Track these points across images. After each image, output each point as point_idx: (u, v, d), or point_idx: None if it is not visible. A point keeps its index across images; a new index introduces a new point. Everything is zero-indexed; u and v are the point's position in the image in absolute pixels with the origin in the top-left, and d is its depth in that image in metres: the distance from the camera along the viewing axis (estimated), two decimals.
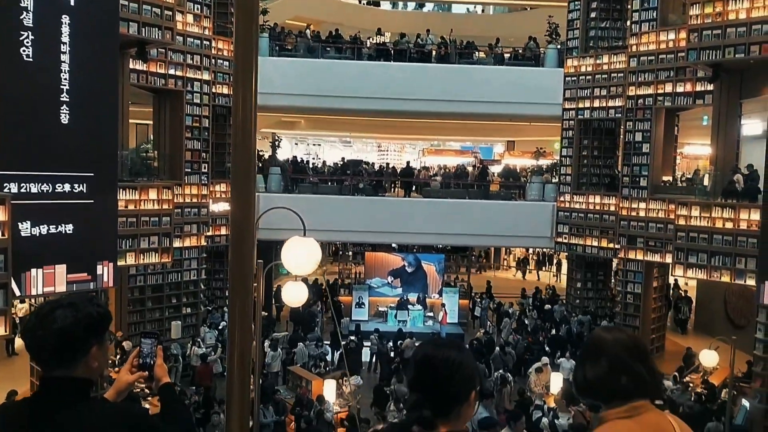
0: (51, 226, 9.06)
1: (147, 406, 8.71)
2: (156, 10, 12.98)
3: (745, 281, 12.71)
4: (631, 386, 1.78)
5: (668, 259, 14.70)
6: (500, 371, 13.40)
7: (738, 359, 10.97)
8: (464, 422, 1.68)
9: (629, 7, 16.44)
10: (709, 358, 11.36)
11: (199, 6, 15.28)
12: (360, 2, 29.95)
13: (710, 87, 14.35)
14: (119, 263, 11.89)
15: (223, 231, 16.63)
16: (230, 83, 16.17)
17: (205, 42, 15.50)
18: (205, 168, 15.86)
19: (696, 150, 22.30)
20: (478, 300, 19.57)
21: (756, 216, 12.26)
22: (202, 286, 16.24)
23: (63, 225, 9.23)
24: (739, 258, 12.72)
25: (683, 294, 19.40)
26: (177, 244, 14.78)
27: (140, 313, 14.83)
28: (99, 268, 10.03)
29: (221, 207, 16.18)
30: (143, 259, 13.63)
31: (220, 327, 15.02)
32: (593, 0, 17.60)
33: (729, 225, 12.94)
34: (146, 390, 8.96)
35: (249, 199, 1.53)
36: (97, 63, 10.01)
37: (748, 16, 12.54)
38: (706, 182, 14.97)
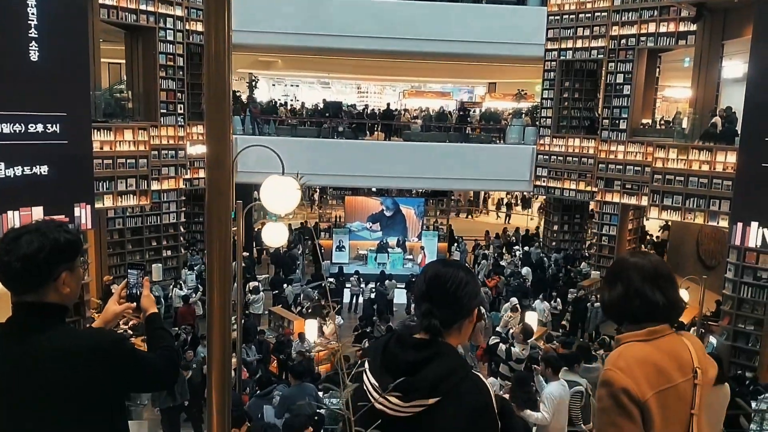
0: (26, 168, 8.89)
1: None
2: None
3: (717, 223, 13.01)
4: (643, 310, 1.81)
5: (644, 201, 14.94)
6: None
7: (708, 298, 11.35)
8: (464, 339, 1.78)
9: None
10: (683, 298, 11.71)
11: None
12: None
13: (693, 27, 14.24)
14: (97, 205, 11.76)
15: (202, 174, 16.43)
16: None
17: None
18: (181, 109, 15.51)
19: (676, 93, 22.30)
20: (456, 244, 19.76)
21: (732, 158, 12.43)
22: (182, 229, 16.18)
23: (38, 166, 9.07)
24: (713, 200, 12.97)
25: (656, 239, 19.80)
26: (155, 186, 14.62)
27: (120, 256, 14.78)
28: (76, 209, 9.93)
29: (199, 149, 15.92)
30: (121, 202, 13.52)
31: (199, 269, 15.07)
32: None
33: (705, 168, 13.12)
34: (129, 329, 9.02)
35: (224, 139, 1.49)
36: None
37: None
38: (684, 125, 15.06)
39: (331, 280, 15.46)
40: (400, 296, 15.73)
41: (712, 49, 14.03)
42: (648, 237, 20.04)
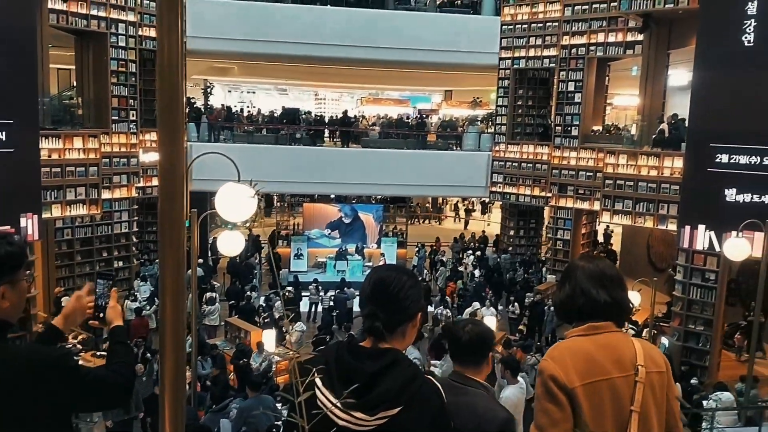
0: None
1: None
2: None
3: (666, 226, 13.44)
4: (588, 308, 1.89)
5: (596, 206, 15.33)
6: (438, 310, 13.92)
7: (659, 300, 11.70)
8: (407, 344, 1.80)
9: None
10: (631, 299, 12.03)
11: None
12: None
13: (640, 37, 14.72)
14: (44, 215, 11.37)
15: (155, 182, 16.04)
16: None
17: None
18: (133, 116, 15.14)
19: (625, 100, 23.00)
20: (416, 250, 19.85)
21: (679, 164, 12.88)
22: (134, 239, 15.75)
23: None
24: (662, 204, 13.41)
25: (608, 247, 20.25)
26: (106, 195, 14.22)
27: (69, 268, 14.29)
28: (22, 220, 9.58)
29: (152, 157, 15.57)
30: (70, 211, 13.09)
31: (152, 279, 14.68)
32: None
33: (654, 173, 13.56)
34: (78, 344, 8.72)
35: (178, 146, 1.44)
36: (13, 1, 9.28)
37: None
38: (633, 131, 15.54)
39: (289, 288, 15.30)
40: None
41: (658, 58, 14.54)
42: (599, 245, 20.49)
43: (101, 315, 2.08)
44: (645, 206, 13.71)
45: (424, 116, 24.25)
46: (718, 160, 11.48)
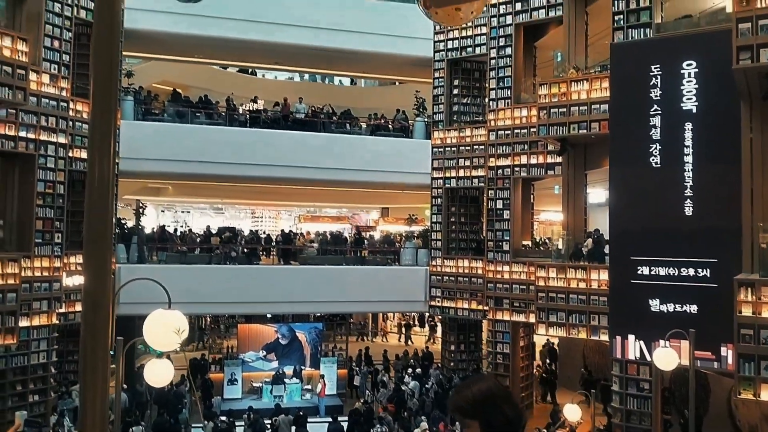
0: None
1: None
2: (7, 68, 12.11)
3: (599, 337, 13.73)
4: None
5: (532, 318, 15.56)
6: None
7: (599, 411, 11.67)
8: None
9: (487, 85, 17.93)
10: (572, 413, 11.95)
11: (56, 66, 14.45)
12: (225, 69, 29.73)
13: (559, 159, 15.81)
14: None
15: (78, 307, 15.20)
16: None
17: (62, 103, 14.60)
18: (58, 238, 14.59)
19: (551, 216, 24.24)
20: (356, 369, 19.31)
21: (605, 276, 13.42)
22: (53, 370, 14.58)
23: None
24: (593, 315, 13.77)
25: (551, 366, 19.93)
26: (24, 323, 13.29)
27: None
28: None
29: (76, 280, 14.86)
30: None
31: (69, 413, 13.46)
32: (455, 78, 18.97)
33: (582, 285, 14.04)
34: None
35: (104, 269, 1.39)
36: None
37: (588, 97, 14.15)
38: (560, 246, 16.24)
39: (222, 418, 14.35)
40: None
41: (576, 178, 15.58)
42: (546, 364, 19.94)
43: None
44: (578, 317, 14.04)
45: (362, 233, 24.57)
46: (639, 272, 12.07)
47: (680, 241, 11.84)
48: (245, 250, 19.33)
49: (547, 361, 19.60)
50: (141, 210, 20.20)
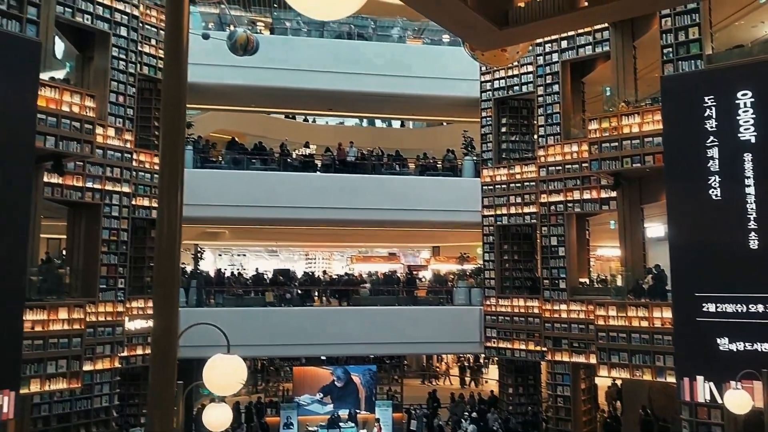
0: None
1: None
2: (76, 123, 12.86)
3: (665, 378, 13.08)
4: None
5: (592, 359, 15.00)
6: None
7: None
8: None
9: (535, 122, 17.86)
10: None
11: (121, 120, 15.27)
12: (279, 116, 30.70)
13: (614, 194, 15.46)
14: (22, 391, 10.86)
15: (140, 351, 15.63)
16: (151, 195, 15.92)
17: (126, 155, 15.36)
18: (121, 284, 15.13)
19: (608, 252, 23.54)
20: (413, 412, 18.94)
21: (668, 314, 12.87)
22: (115, 413, 14.92)
23: None
24: (658, 355, 13.16)
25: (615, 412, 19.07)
26: (88, 367, 13.71)
27: None
28: None
29: (138, 325, 15.31)
30: (49, 386, 12.48)
31: None
32: (503, 116, 18.98)
33: (645, 324, 13.48)
34: None
35: (172, 311, 1.46)
36: (10, 176, 9.66)
37: (640, 130, 13.88)
38: (620, 283, 15.72)
39: None
40: None
41: (632, 212, 15.16)
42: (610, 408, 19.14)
43: None
44: (641, 358, 13.45)
45: (414, 272, 24.48)
46: (705, 309, 11.53)
47: (747, 276, 11.29)
48: (299, 291, 19.54)
49: (614, 402, 18.76)
50: (199, 254, 20.80)
